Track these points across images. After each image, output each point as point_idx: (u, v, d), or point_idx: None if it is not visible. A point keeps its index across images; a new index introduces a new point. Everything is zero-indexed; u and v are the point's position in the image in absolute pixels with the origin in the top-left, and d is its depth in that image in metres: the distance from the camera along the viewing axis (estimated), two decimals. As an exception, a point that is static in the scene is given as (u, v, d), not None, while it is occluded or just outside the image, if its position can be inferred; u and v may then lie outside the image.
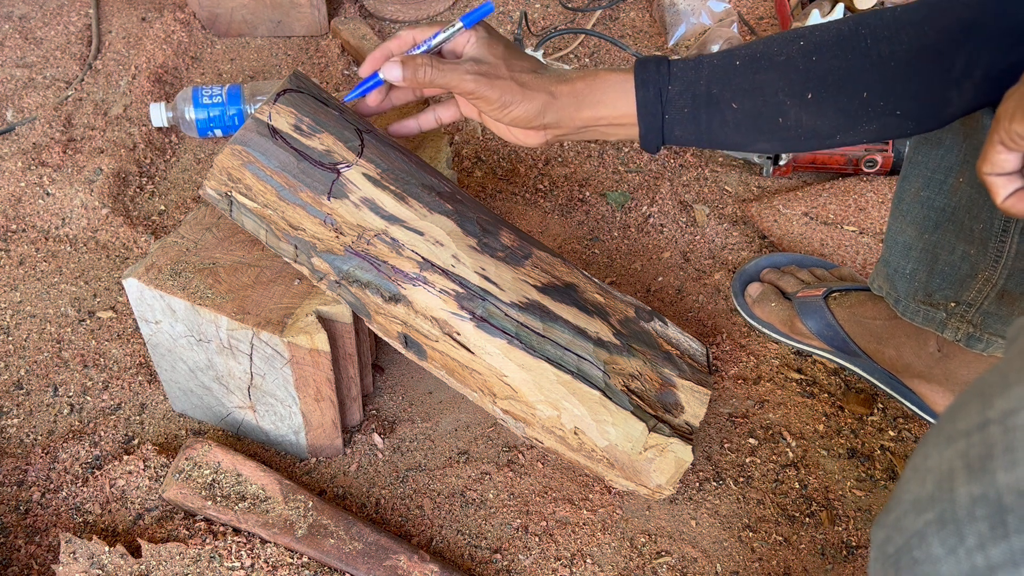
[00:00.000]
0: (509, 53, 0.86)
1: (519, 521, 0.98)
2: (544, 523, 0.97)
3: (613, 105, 0.83)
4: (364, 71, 0.91)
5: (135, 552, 0.89)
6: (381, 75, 0.87)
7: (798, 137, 0.80)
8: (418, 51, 0.88)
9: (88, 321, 1.17)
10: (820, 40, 0.77)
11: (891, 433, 1.08)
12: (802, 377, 1.14)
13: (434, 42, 0.87)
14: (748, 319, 1.19)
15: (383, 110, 0.94)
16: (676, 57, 0.84)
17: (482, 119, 0.90)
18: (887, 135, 0.79)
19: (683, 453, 0.89)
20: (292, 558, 0.90)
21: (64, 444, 1.01)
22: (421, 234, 0.88)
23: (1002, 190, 0.65)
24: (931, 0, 0.74)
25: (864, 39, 0.75)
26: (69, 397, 1.08)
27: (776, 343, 1.17)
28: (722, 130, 0.81)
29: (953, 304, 0.96)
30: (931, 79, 0.73)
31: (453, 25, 0.86)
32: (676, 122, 0.82)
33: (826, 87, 0.76)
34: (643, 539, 0.97)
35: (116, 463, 0.98)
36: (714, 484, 1.02)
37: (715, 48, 1.56)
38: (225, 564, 0.88)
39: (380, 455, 1.03)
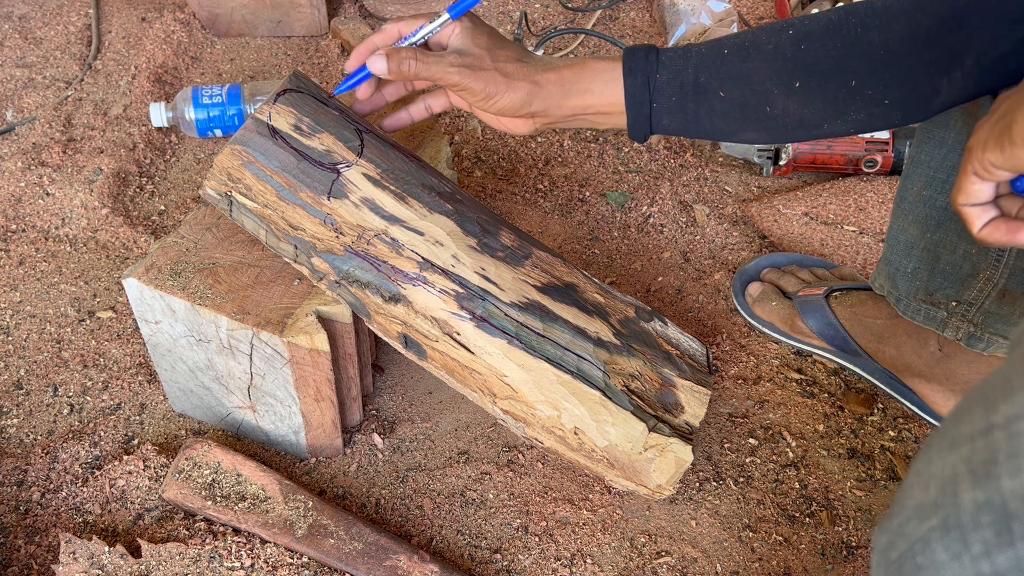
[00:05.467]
0: (493, 43, 0.85)
1: (519, 521, 0.97)
2: (544, 523, 0.97)
3: (601, 93, 0.82)
4: (351, 65, 0.90)
5: (135, 552, 0.89)
6: (368, 68, 0.87)
7: (786, 127, 0.79)
8: (404, 44, 0.88)
9: (88, 321, 1.17)
10: (809, 29, 0.76)
11: (891, 433, 1.08)
12: (802, 377, 1.14)
13: (419, 35, 0.87)
14: (748, 319, 1.19)
15: (378, 106, 0.94)
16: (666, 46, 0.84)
17: (472, 109, 0.90)
18: (875, 125, 0.78)
19: (683, 453, 0.89)
20: (292, 558, 0.90)
21: (64, 444, 1.01)
22: (421, 234, 0.88)
23: (977, 220, 0.65)
24: None
25: (854, 28, 0.74)
26: (69, 397, 1.08)
27: (776, 343, 1.17)
28: (709, 119, 0.80)
29: (954, 303, 0.96)
30: (920, 67, 0.73)
31: (439, 16, 0.86)
32: (664, 111, 0.81)
33: (813, 75, 0.75)
34: (643, 539, 0.97)
35: (116, 463, 0.98)
36: (714, 484, 1.02)
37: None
38: (225, 564, 0.88)
39: (380, 455, 1.03)
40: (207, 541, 0.90)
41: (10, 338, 1.14)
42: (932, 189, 0.93)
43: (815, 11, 1.51)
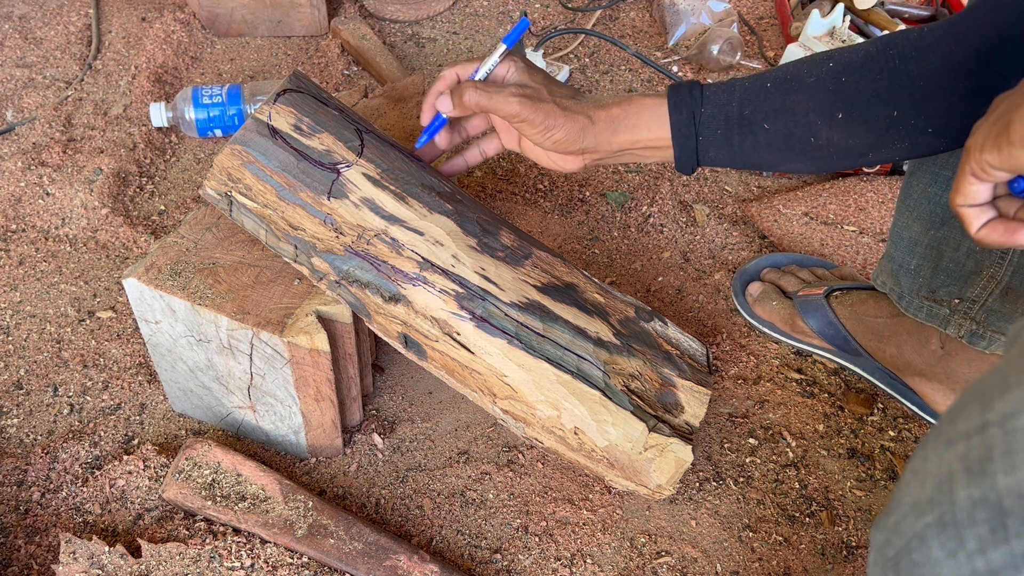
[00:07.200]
0: (548, 80, 0.88)
1: (519, 521, 0.98)
2: (544, 523, 0.97)
3: (648, 128, 0.85)
4: (425, 119, 0.94)
5: (135, 552, 0.89)
6: (438, 108, 0.90)
7: (830, 156, 0.81)
8: None
9: (88, 321, 1.17)
10: (849, 61, 0.78)
11: (891, 433, 1.08)
12: (802, 377, 1.14)
13: (480, 72, 0.90)
14: (748, 318, 1.19)
15: (437, 155, 0.98)
16: (707, 81, 0.85)
17: (522, 147, 0.93)
18: (921, 152, 0.79)
19: (683, 453, 0.89)
20: (292, 558, 0.90)
21: (64, 444, 1.01)
22: (421, 234, 0.88)
23: (975, 221, 0.66)
24: (957, 19, 0.74)
25: (892, 59, 0.75)
26: (69, 397, 1.08)
27: (776, 343, 1.17)
28: (755, 151, 0.82)
29: (957, 301, 0.96)
30: (961, 96, 0.74)
31: (496, 50, 0.89)
32: (710, 144, 0.83)
33: (855, 107, 0.77)
34: (643, 539, 0.97)
35: (116, 463, 0.98)
36: (714, 484, 1.02)
37: (715, 48, 1.56)
38: (225, 564, 0.88)
39: (380, 455, 1.03)
40: (207, 541, 0.90)
41: (10, 338, 1.14)
42: (937, 186, 0.93)
43: (815, 11, 1.51)
